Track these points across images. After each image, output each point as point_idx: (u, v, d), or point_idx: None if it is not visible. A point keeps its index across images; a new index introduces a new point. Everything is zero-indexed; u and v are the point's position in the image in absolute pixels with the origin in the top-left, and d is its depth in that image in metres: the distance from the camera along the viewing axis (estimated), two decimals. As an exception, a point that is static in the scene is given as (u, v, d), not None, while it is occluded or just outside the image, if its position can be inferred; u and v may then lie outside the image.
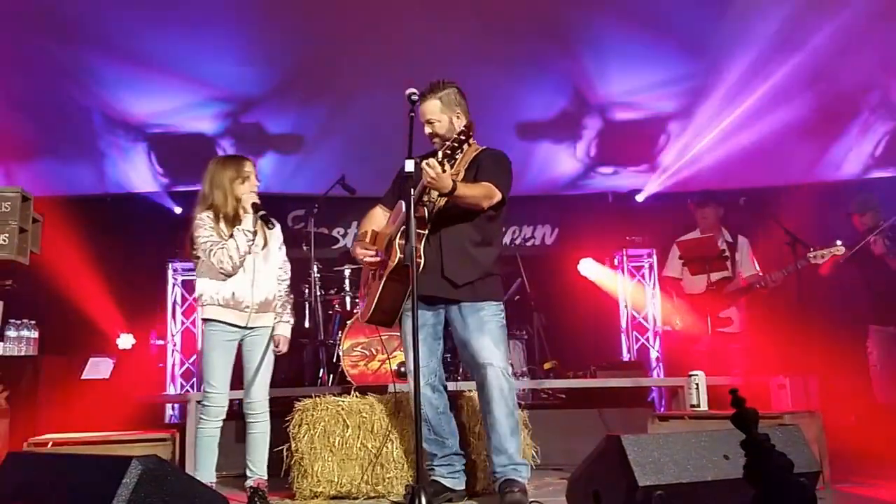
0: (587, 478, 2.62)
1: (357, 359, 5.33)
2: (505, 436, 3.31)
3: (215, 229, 3.41)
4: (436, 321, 3.47)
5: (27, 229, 4.24)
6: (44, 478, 2.42)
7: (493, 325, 3.39)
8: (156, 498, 2.20)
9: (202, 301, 3.43)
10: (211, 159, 3.61)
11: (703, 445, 2.50)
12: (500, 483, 3.31)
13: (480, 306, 3.39)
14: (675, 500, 2.33)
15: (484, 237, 3.46)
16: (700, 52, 6.35)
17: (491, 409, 3.32)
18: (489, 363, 3.31)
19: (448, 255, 3.38)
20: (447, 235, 3.40)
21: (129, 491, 2.13)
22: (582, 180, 7.79)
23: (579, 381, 5.31)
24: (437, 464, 3.49)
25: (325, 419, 3.83)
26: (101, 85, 6.29)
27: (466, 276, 3.39)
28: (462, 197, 3.25)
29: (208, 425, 3.33)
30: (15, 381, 4.43)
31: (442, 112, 3.43)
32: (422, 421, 3.34)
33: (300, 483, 3.76)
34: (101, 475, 2.23)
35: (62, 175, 7.10)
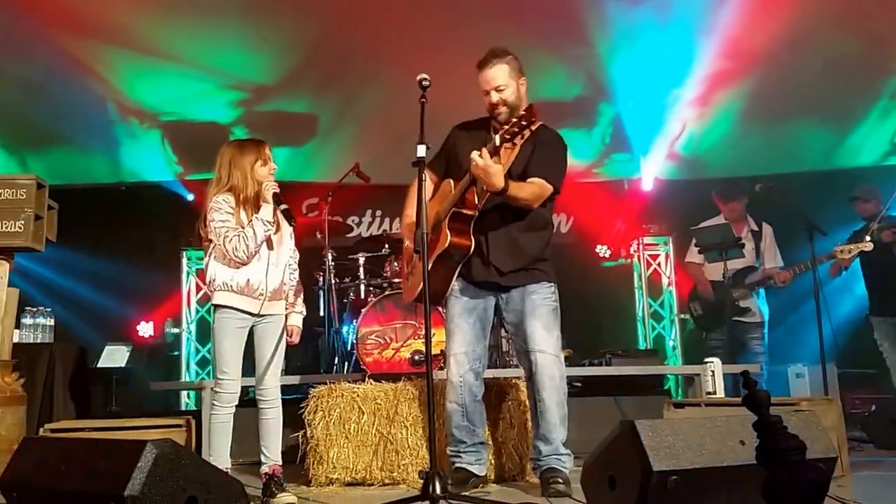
0: (602, 463, 2.59)
1: (371, 347, 5.34)
2: (554, 424, 3.28)
3: (234, 214, 3.35)
4: (485, 305, 3.41)
5: (42, 216, 4.26)
6: (60, 462, 2.43)
7: (545, 310, 3.34)
8: (171, 481, 2.21)
9: (214, 286, 3.38)
10: (225, 143, 3.57)
11: (719, 431, 2.47)
12: (543, 471, 3.28)
13: (532, 289, 3.34)
14: (691, 486, 2.31)
15: (533, 223, 3.37)
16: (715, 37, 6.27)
17: (542, 397, 3.28)
18: (540, 350, 3.27)
19: (494, 242, 3.32)
20: (495, 221, 3.31)
21: (145, 474, 2.14)
22: (597, 168, 7.73)
23: (595, 369, 5.27)
24: (465, 451, 3.43)
25: (341, 406, 3.83)
26: (115, 74, 6.29)
27: (512, 263, 3.33)
28: (513, 198, 3.17)
29: (221, 411, 3.31)
30: (31, 368, 4.45)
31: (511, 78, 3.28)
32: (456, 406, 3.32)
33: (316, 469, 3.76)
34: (117, 459, 2.24)
35: (77, 164, 7.14)
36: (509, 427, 3.81)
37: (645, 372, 5.27)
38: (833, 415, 3.66)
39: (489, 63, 3.29)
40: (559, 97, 7.01)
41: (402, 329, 5.24)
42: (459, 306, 3.37)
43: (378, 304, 5.36)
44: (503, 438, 3.79)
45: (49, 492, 2.38)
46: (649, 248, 7.45)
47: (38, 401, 4.46)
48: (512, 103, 3.30)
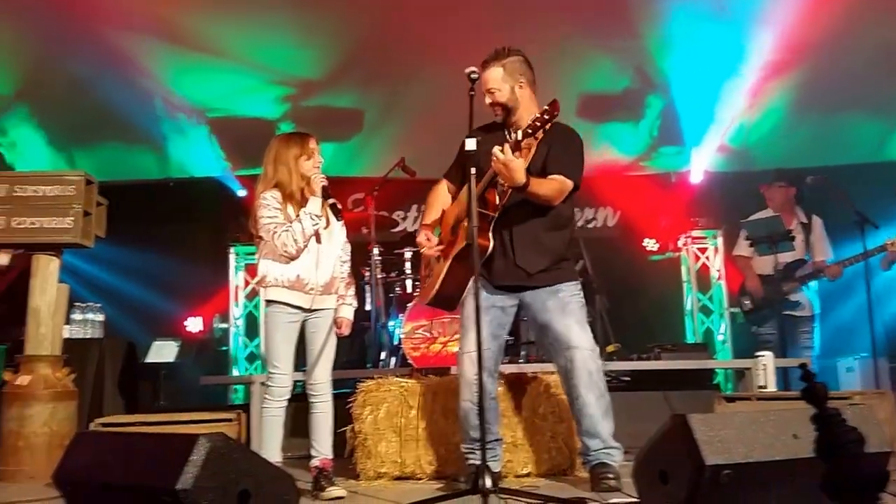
0: (653, 458, 2.54)
1: (418, 341, 5.32)
2: (597, 419, 3.23)
3: (281, 210, 3.35)
4: (503, 305, 3.37)
5: (91, 213, 4.35)
6: (113, 455, 2.45)
7: (575, 306, 3.30)
8: (223, 474, 2.20)
9: (266, 282, 3.38)
10: (273, 138, 3.57)
11: (772, 424, 2.41)
12: (593, 466, 3.23)
13: (558, 288, 3.29)
14: (744, 480, 2.25)
15: (556, 221, 3.33)
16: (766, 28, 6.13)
17: (580, 394, 3.22)
18: (576, 346, 3.22)
19: (519, 243, 3.28)
20: (518, 221, 3.28)
21: (197, 467, 2.14)
22: (644, 161, 7.62)
23: (644, 364, 5.19)
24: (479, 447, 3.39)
25: (389, 400, 3.81)
26: (162, 69, 6.38)
27: (539, 263, 3.29)
28: (534, 195, 3.13)
29: (273, 405, 3.32)
30: (81, 364, 4.55)
31: (504, 81, 3.27)
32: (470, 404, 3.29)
33: (364, 464, 3.75)
34: (169, 452, 2.24)
35: (125, 160, 7.26)
36: (558, 422, 3.76)
37: (695, 366, 5.18)
38: (886, 408, 3.57)
39: (484, 65, 3.30)
40: (607, 90, 6.94)
41: (450, 324, 5.20)
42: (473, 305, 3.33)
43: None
44: (553, 433, 3.74)
45: (102, 485, 2.39)
46: (697, 241, 7.31)
47: (87, 395, 4.56)
48: (507, 105, 3.31)
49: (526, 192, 3.10)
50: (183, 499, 2.10)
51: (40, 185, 4.22)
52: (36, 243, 4.23)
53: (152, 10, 5.76)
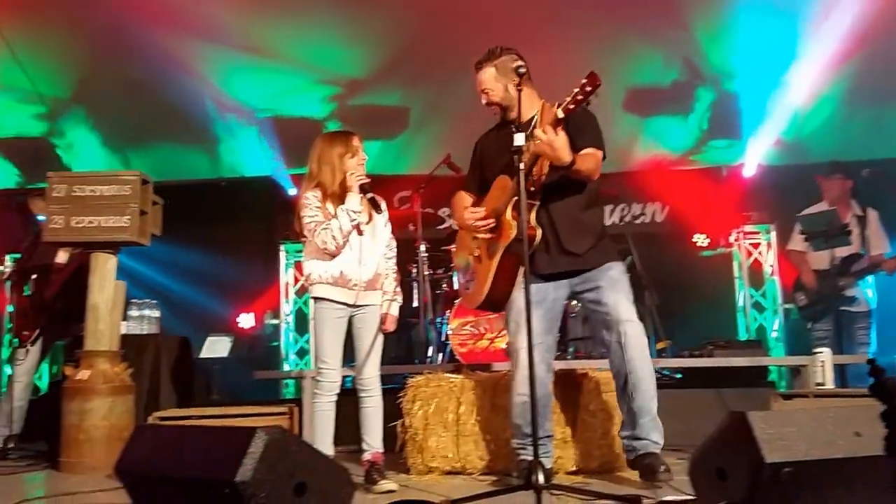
0: (710, 455, 2.51)
1: (466, 337, 5.34)
2: (650, 394, 3.20)
3: (321, 209, 3.40)
4: (555, 297, 3.35)
5: (147, 211, 4.44)
6: (172, 448, 2.50)
7: (625, 284, 3.31)
8: (281, 467, 2.23)
9: (311, 280, 3.45)
10: (317, 137, 3.61)
11: (832, 422, 2.35)
12: (640, 456, 3.20)
13: (608, 266, 3.30)
14: (805, 478, 2.21)
15: (590, 199, 3.34)
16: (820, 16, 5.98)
17: (634, 368, 3.18)
18: (628, 319, 3.20)
19: (562, 226, 3.27)
20: (556, 205, 3.27)
21: (256, 460, 2.17)
22: (694, 154, 7.51)
23: (697, 361, 5.11)
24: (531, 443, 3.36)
25: (439, 396, 3.82)
26: (214, 71, 6.50)
27: (585, 243, 3.28)
28: (577, 171, 3.11)
29: (323, 399, 3.37)
30: (137, 359, 4.66)
31: (497, 80, 3.28)
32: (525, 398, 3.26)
33: (415, 458, 3.77)
34: (228, 445, 2.27)
35: (177, 160, 7.41)
36: (608, 419, 3.73)
37: (750, 363, 5.09)
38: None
39: (477, 67, 3.33)
40: (654, 83, 6.86)
41: (496, 320, 5.20)
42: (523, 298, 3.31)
43: (472, 294, 5.34)
44: (603, 430, 3.72)
45: (162, 477, 2.44)
46: (750, 236, 7.17)
47: (144, 390, 4.66)
48: (502, 104, 3.32)
49: (570, 170, 3.07)
50: (242, 491, 2.14)
51: (98, 184, 4.32)
52: (94, 242, 4.34)
53: (204, 13, 5.88)
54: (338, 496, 2.41)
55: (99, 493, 3.41)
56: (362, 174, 3.44)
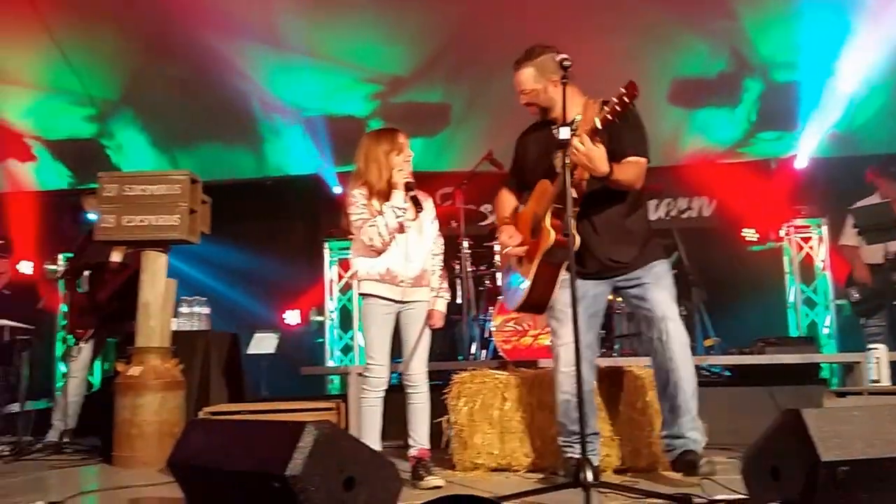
0: (764, 454, 2.47)
1: (509, 334, 5.33)
2: (690, 393, 3.15)
3: (367, 206, 3.43)
4: (596, 293, 3.32)
5: (197, 210, 4.52)
6: (224, 442, 2.53)
7: (669, 281, 3.26)
8: (330, 461, 2.26)
9: (359, 276, 3.47)
10: (364, 135, 3.62)
11: (890, 419, 2.29)
12: (680, 453, 3.15)
13: (653, 263, 3.26)
14: (862, 477, 2.17)
15: (633, 203, 3.28)
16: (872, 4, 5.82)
17: (675, 366, 3.15)
18: (671, 317, 3.17)
19: (607, 235, 3.23)
20: (599, 211, 3.22)
21: (305, 454, 2.20)
22: (742, 147, 7.37)
23: (747, 358, 5.02)
24: (578, 441, 3.28)
25: (484, 392, 3.81)
26: (259, 72, 6.59)
27: (629, 252, 3.24)
28: (616, 182, 3.06)
29: (371, 395, 3.39)
30: (188, 355, 4.73)
31: (536, 81, 3.22)
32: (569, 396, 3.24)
33: (460, 454, 3.76)
34: (278, 439, 2.31)
35: (224, 160, 7.53)
36: (657, 416, 3.66)
37: (802, 360, 4.98)
38: None
39: (516, 66, 3.27)
40: (700, 74, 6.75)
41: (540, 317, 5.16)
42: (568, 295, 3.27)
43: (515, 291, 5.32)
44: (651, 428, 3.65)
45: (214, 471, 2.48)
46: (800, 230, 7.03)
47: (194, 385, 4.73)
48: (541, 104, 3.27)
49: (609, 181, 3.03)
50: (292, 484, 2.16)
51: (148, 184, 4.40)
52: (145, 240, 4.42)
53: (249, 15, 5.96)
54: (386, 491, 2.43)
55: (151, 487, 3.47)
56: (407, 171, 3.45)
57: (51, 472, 4.14)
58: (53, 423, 5.05)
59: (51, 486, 3.73)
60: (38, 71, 6.70)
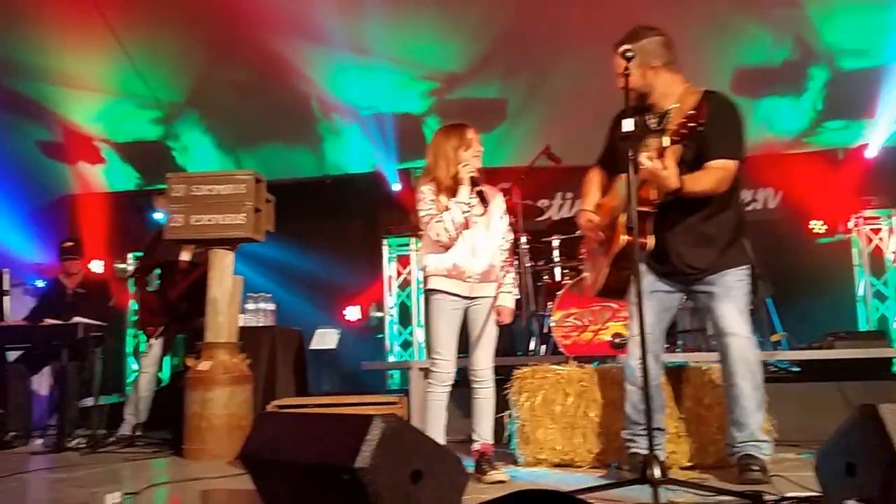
0: (839, 451, 2.40)
1: (569, 329, 5.28)
2: (749, 410, 3.09)
3: (435, 201, 3.43)
4: (669, 289, 3.27)
5: (261, 209, 4.62)
6: (294, 435, 2.58)
7: (739, 292, 3.15)
8: (397, 454, 2.28)
9: (426, 272, 3.47)
10: (435, 131, 3.62)
11: (971, 415, 2.20)
12: (739, 458, 3.11)
13: (727, 272, 3.17)
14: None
15: (720, 204, 3.15)
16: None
17: (735, 381, 3.10)
18: (733, 332, 3.09)
19: (686, 240, 3.15)
20: (679, 214, 3.13)
21: (373, 447, 2.23)
22: (808, 137, 7.17)
23: (816, 353, 4.89)
24: (641, 434, 3.25)
25: (546, 388, 3.81)
26: (318, 72, 6.68)
27: (710, 256, 3.16)
28: (692, 193, 2.98)
29: (437, 390, 3.40)
30: (255, 350, 4.84)
31: (635, 66, 3.06)
32: (635, 388, 3.21)
33: (523, 449, 3.78)
34: (346, 432, 2.34)
35: (284, 159, 7.66)
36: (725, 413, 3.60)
37: (873, 355, 4.82)
38: None
39: (615, 48, 3.11)
40: (764, 63, 6.59)
41: (601, 312, 5.13)
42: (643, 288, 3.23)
43: (575, 286, 5.29)
44: (719, 424, 3.59)
45: (285, 463, 2.53)
46: (870, 221, 6.82)
47: (261, 379, 4.84)
48: (639, 89, 3.15)
49: (682, 194, 2.96)
50: (361, 477, 2.19)
51: (215, 184, 4.52)
52: (212, 238, 4.53)
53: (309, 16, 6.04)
54: (453, 484, 2.44)
55: (222, 479, 3.55)
56: (475, 167, 3.44)
57: (124, 464, 4.26)
58: (125, 417, 5.23)
59: (125, 478, 3.85)
60: (106, 76, 6.91)
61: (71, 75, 6.78)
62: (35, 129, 7.34)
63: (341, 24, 6.18)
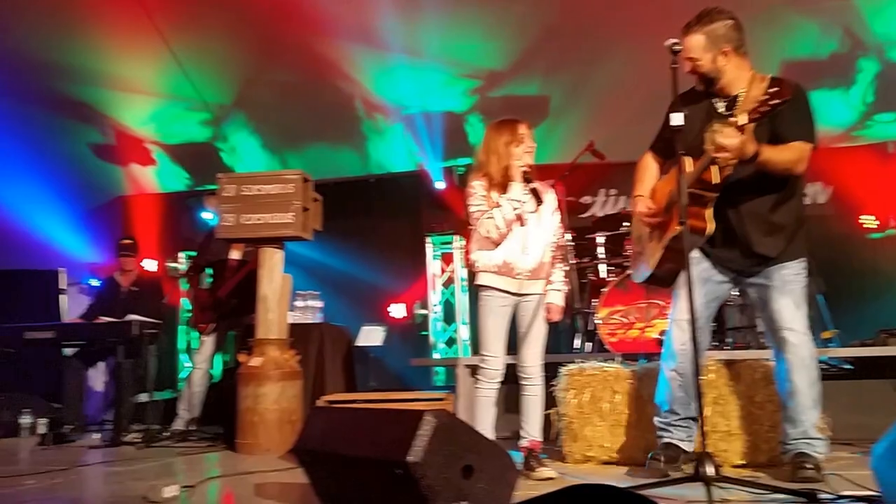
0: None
1: (615, 327, 5.25)
2: (803, 407, 3.05)
3: (486, 197, 3.42)
4: (720, 280, 3.24)
5: (309, 208, 4.69)
6: (346, 429, 2.63)
7: (796, 286, 3.11)
8: (448, 449, 2.31)
9: (476, 268, 3.46)
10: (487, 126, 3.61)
11: None
12: (792, 455, 3.07)
13: (784, 265, 3.12)
14: None
15: (788, 191, 3.10)
16: None
17: (790, 377, 3.06)
18: (790, 328, 3.05)
19: (752, 225, 3.10)
20: (745, 198, 3.08)
21: (426, 441, 2.26)
22: (857, 130, 7.02)
23: (870, 350, 4.79)
24: (676, 424, 3.24)
25: (593, 385, 3.80)
26: (362, 73, 6.75)
27: (778, 245, 3.11)
28: (770, 163, 2.90)
29: (486, 387, 3.40)
30: (303, 347, 4.91)
31: (705, 49, 3.04)
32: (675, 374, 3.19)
33: (570, 447, 3.77)
34: (398, 426, 2.37)
35: (329, 159, 7.75)
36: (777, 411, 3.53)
37: (930, 353, 4.70)
38: None
39: (685, 30, 3.08)
40: (811, 56, 6.45)
41: (647, 309, 5.10)
42: (693, 273, 3.19)
43: (620, 283, 5.27)
44: (771, 423, 3.54)
45: (337, 456, 2.58)
46: (923, 215, 6.64)
47: (310, 375, 4.91)
48: (708, 74, 3.09)
49: (758, 163, 2.88)
50: (414, 471, 2.23)
51: (263, 184, 4.61)
52: (261, 237, 4.62)
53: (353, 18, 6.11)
54: (504, 479, 2.47)
55: (276, 473, 3.62)
56: (527, 162, 3.43)
57: (179, 458, 4.37)
58: (179, 412, 5.35)
59: (180, 471, 3.94)
60: (156, 80, 7.07)
61: (122, 79, 6.96)
62: (88, 131, 7.54)
63: (384, 24, 6.23)
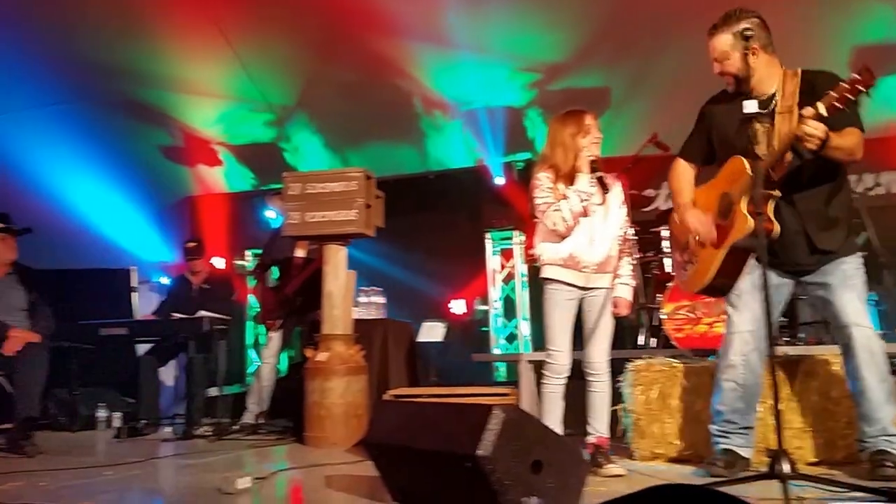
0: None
1: (681, 322, 5.16)
2: (878, 403, 2.96)
3: (553, 189, 3.39)
4: (779, 283, 3.16)
5: (371, 205, 4.75)
6: (414, 423, 2.65)
7: (858, 281, 3.04)
8: (517, 444, 2.31)
9: (542, 261, 3.44)
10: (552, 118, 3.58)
11: None
12: (870, 453, 2.98)
13: (843, 260, 3.05)
14: None
15: (836, 185, 3.05)
16: None
17: (860, 375, 2.98)
18: (856, 323, 2.97)
19: (810, 220, 3.03)
20: (802, 199, 3.02)
21: (495, 436, 2.26)
22: (936, 115, 6.73)
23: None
24: (735, 432, 3.17)
25: (661, 381, 3.75)
26: (420, 70, 6.77)
27: (836, 239, 3.05)
28: (835, 149, 2.83)
29: (552, 382, 3.38)
30: (368, 342, 4.99)
31: (733, 48, 3.00)
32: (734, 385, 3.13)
33: (638, 443, 3.73)
34: (467, 420, 2.38)
35: (389, 157, 7.81)
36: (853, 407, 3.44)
37: None
38: None
39: (711, 32, 3.06)
40: (884, 40, 6.21)
41: (714, 304, 4.99)
42: (749, 282, 3.12)
43: (685, 277, 5.16)
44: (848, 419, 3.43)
45: (405, 449, 2.60)
46: None
47: (374, 370, 4.98)
48: (738, 74, 3.04)
49: (827, 149, 2.81)
50: (483, 465, 2.24)
51: (327, 182, 4.70)
52: (326, 235, 4.70)
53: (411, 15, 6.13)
54: (573, 475, 2.46)
55: (345, 465, 3.69)
56: (594, 154, 3.39)
57: (249, 450, 4.48)
58: (248, 406, 5.48)
59: (251, 463, 4.04)
60: (221, 82, 7.22)
61: (189, 82, 7.13)
62: (157, 133, 7.76)
63: (442, 20, 6.23)
